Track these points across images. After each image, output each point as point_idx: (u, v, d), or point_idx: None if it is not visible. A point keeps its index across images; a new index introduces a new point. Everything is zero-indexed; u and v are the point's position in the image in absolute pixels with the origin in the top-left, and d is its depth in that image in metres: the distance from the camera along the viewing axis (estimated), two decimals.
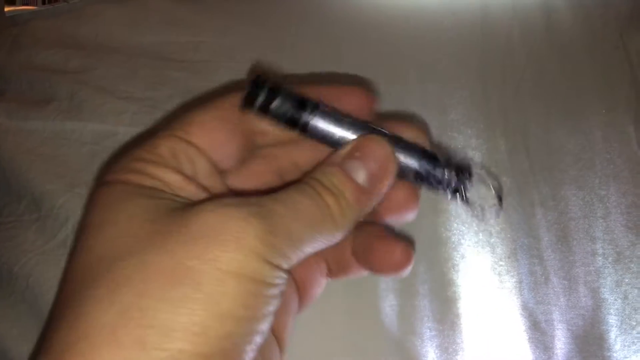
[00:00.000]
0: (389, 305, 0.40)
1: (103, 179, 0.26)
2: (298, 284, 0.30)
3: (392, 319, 0.40)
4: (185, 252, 0.21)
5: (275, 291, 0.22)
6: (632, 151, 0.44)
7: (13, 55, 0.47)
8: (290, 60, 0.47)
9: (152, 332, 0.20)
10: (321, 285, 0.31)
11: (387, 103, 0.46)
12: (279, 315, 0.27)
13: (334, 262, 0.31)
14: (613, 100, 0.46)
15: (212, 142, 0.27)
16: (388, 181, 0.26)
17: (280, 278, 0.22)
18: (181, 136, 0.27)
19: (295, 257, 0.23)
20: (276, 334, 0.28)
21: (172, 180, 0.25)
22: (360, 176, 0.26)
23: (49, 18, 0.49)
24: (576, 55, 0.48)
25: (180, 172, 0.26)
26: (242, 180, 0.29)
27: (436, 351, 0.39)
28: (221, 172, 0.28)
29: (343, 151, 0.27)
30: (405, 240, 0.29)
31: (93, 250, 0.23)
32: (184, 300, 0.20)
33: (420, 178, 0.27)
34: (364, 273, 0.30)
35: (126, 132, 0.43)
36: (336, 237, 0.25)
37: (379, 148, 0.26)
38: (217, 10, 0.50)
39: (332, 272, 0.31)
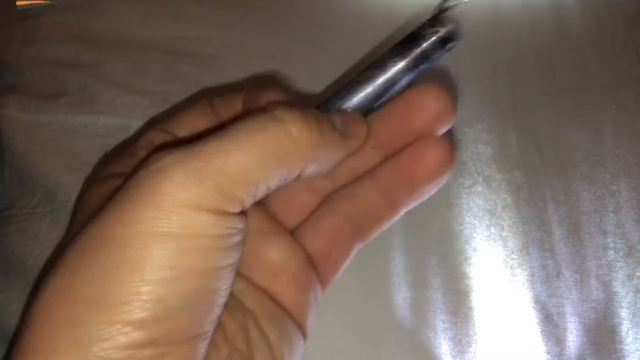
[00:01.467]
0: (401, 298, 0.40)
1: (94, 177, 0.27)
2: (315, 257, 0.28)
3: (405, 311, 0.40)
4: (109, 221, 0.20)
5: (212, 244, 0.20)
6: None
7: (24, 49, 0.47)
8: (300, 56, 0.47)
9: (79, 307, 0.19)
10: (347, 253, 0.29)
11: None
12: (291, 296, 0.27)
13: (359, 218, 0.29)
14: (623, 97, 0.46)
15: (190, 131, 0.29)
16: (362, 131, 0.26)
17: (220, 226, 0.21)
18: (160, 128, 0.28)
19: (245, 194, 0.21)
20: (296, 318, 0.27)
21: None
22: (335, 123, 0.25)
23: (60, 12, 0.49)
24: (585, 51, 0.48)
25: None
26: None
27: (449, 343, 0.39)
28: None
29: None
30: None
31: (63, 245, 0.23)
32: (108, 271, 0.20)
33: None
34: (398, 214, 0.28)
35: (138, 125, 0.44)
36: (298, 160, 0.22)
37: (357, 121, 0.27)
38: (227, 5, 0.50)
39: (359, 233, 0.29)
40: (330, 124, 0.24)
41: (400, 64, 0.27)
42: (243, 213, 0.22)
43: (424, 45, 0.27)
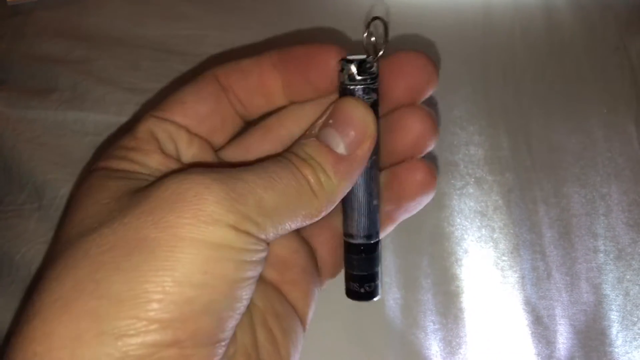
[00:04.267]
0: (392, 299, 0.40)
1: (89, 169, 0.26)
2: (318, 256, 0.29)
3: (396, 312, 0.40)
4: (141, 222, 0.21)
5: (243, 257, 0.21)
6: (633, 150, 0.44)
7: (14, 45, 0.47)
8: None
9: (105, 302, 0.19)
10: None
11: None
12: (298, 289, 0.28)
13: None
14: (614, 101, 0.46)
15: (193, 117, 0.27)
16: (368, 145, 0.25)
17: (250, 244, 0.22)
18: (159, 116, 0.27)
19: (272, 228, 0.22)
20: (299, 311, 0.28)
21: (151, 160, 0.25)
22: (338, 144, 0.24)
23: (51, 8, 0.48)
24: (577, 55, 0.48)
25: (158, 151, 0.26)
26: (240, 153, 0.29)
27: (440, 344, 0.39)
28: (217, 147, 0.28)
29: (319, 120, 0.25)
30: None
31: (63, 234, 0.23)
32: (138, 269, 0.20)
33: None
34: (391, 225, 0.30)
35: (129, 122, 0.43)
36: (319, 210, 0.24)
37: (354, 111, 0.25)
38: (220, 5, 0.50)
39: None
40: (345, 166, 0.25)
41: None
42: (267, 243, 0.23)
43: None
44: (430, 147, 0.29)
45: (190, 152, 0.27)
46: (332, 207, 0.25)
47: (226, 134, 0.28)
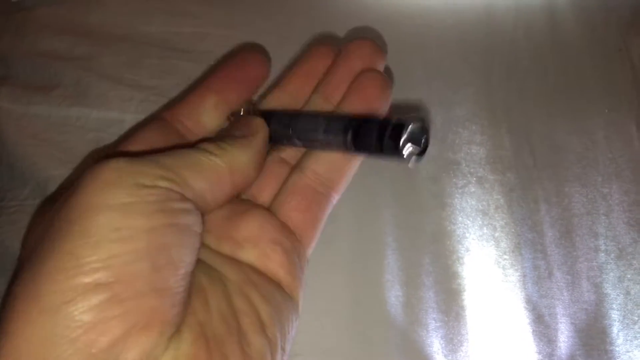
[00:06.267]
0: (394, 296, 0.40)
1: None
2: (292, 221, 0.30)
3: (398, 310, 0.40)
4: (60, 205, 0.23)
5: (154, 206, 0.23)
6: (634, 151, 0.44)
7: (17, 41, 0.47)
8: (296, 52, 0.47)
9: (39, 281, 0.21)
10: (322, 210, 0.31)
11: (393, 100, 0.46)
12: (281, 261, 0.28)
13: (326, 172, 0.31)
14: (615, 101, 0.46)
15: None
16: (262, 131, 0.29)
17: (155, 193, 0.23)
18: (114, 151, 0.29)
19: (171, 179, 0.24)
20: (286, 287, 0.28)
21: None
22: (236, 132, 0.29)
23: (54, 5, 0.48)
24: (579, 56, 0.48)
25: None
26: None
27: (441, 342, 0.39)
28: None
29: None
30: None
31: None
32: (61, 242, 0.21)
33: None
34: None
35: (132, 119, 0.43)
36: (224, 172, 0.26)
37: (252, 120, 0.30)
38: (223, 1, 0.50)
39: (330, 186, 0.31)
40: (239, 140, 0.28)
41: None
42: (175, 191, 0.25)
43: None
44: (381, 63, 0.33)
45: None
46: (240, 174, 0.27)
47: None
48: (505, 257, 0.41)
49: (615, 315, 0.40)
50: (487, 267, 0.41)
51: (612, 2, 0.50)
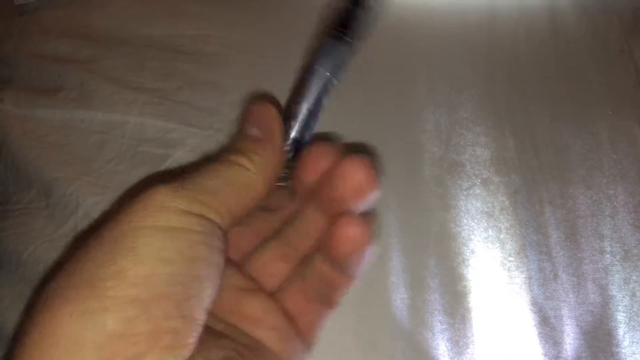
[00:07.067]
0: (399, 299, 0.40)
1: None
2: (292, 316, 0.30)
3: (403, 312, 0.40)
4: (109, 223, 0.23)
5: (199, 237, 0.24)
6: (639, 152, 0.44)
7: (21, 44, 0.47)
8: (298, 54, 0.47)
9: (81, 289, 0.21)
10: (319, 317, 0.31)
11: (398, 102, 0.46)
12: (278, 346, 0.29)
13: (321, 286, 0.31)
14: (619, 102, 0.46)
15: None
16: (277, 129, 0.29)
17: (200, 226, 0.24)
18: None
19: (223, 208, 0.25)
20: (301, 329, 0.29)
21: None
22: (255, 133, 0.29)
23: (58, 8, 0.48)
24: (582, 57, 0.49)
25: None
26: None
27: (447, 344, 0.39)
28: None
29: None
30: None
31: None
32: (105, 257, 0.22)
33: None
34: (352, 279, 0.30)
35: (136, 121, 0.43)
36: (259, 184, 0.27)
37: (256, 108, 0.30)
38: (225, 4, 0.50)
39: (325, 300, 0.31)
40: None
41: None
42: (220, 227, 0.25)
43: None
44: (372, 200, 0.29)
45: None
46: (270, 180, 0.28)
47: None
48: (511, 259, 0.41)
49: (621, 317, 0.40)
50: (493, 269, 0.41)
51: (614, 4, 0.50)
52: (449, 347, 0.39)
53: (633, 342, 0.39)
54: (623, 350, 0.39)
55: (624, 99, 0.47)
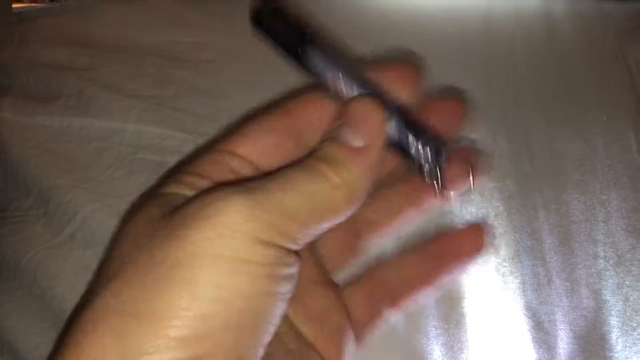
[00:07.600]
0: None
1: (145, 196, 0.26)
2: (353, 313, 0.30)
3: (398, 317, 0.40)
4: (166, 239, 0.21)
5: (264, 270, 0.21)
6: (632, 157, 0.45)
7: (20, 52, 0.47)
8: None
9: (127, 319, 0.20)
10: (380, 317, 0.31)
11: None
12: (334, 351, 0.28)
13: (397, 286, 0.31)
14: (613, 108, 0.47)
15: (258, 151, 0.27)
16: (381, 133, 0.25)
17: (272, 257, 0.21)
18: (222, 148, 0.26)
19: (298, 233, 0.22)
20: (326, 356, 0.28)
21: (205, 186, 0.25)
22: (353, 138, 0.25)
23: (56, 16, 0.49)
24: (576, 63, 0.49)
25: (216, 179, 0.25)
26: None
27: (441, 349, 0.40)
28: None
29: (335, 123, 0.26)
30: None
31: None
32: (158, 286, 0.20)
33: (395, 145, 0.26)
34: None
35: (133, 128, 0.44)
36: (341, 203, 0.24)
37: (361, 107, 0.26)
38: (222, 11, 0.50)
39: (394, 300, 0.31)
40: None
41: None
42: (295, 251, 0.23)
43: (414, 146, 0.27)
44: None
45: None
46: (358, 201, 0.24)
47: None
48: (505, 264, 0.41)
49: (614, 321, 0.40)
50: (487, 275, 0.41)
51: (608, 10, 0.51)
52: (444, 352, 0.39)
53: (626, 346, 0.40)
54: (616, 355, 0.40)
55: (618, 104, 0.47)
